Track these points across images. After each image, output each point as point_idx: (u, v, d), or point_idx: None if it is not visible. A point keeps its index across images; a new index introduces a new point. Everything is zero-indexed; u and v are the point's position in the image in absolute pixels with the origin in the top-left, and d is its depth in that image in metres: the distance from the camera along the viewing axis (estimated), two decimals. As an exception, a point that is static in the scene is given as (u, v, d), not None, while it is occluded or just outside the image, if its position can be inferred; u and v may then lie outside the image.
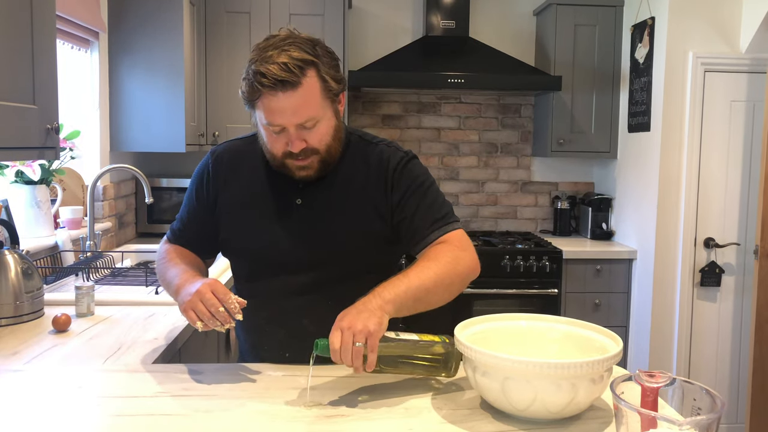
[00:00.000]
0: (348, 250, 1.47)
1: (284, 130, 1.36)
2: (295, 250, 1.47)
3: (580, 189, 4.12)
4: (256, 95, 1.34)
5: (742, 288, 3.34)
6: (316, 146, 1.39)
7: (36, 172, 2.41)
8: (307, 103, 1.34)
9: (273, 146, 1.41)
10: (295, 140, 1.37)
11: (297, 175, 1.43)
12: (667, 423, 0.89)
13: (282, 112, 1.34)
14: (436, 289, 1.35)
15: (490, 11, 3.98)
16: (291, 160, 1.40)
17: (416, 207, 1.47)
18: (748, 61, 3.24)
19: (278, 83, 1.30)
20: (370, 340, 1.19)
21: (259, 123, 1.41)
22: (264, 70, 1.30)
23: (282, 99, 1.32)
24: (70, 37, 2.77)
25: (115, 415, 1.17)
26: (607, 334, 1.29)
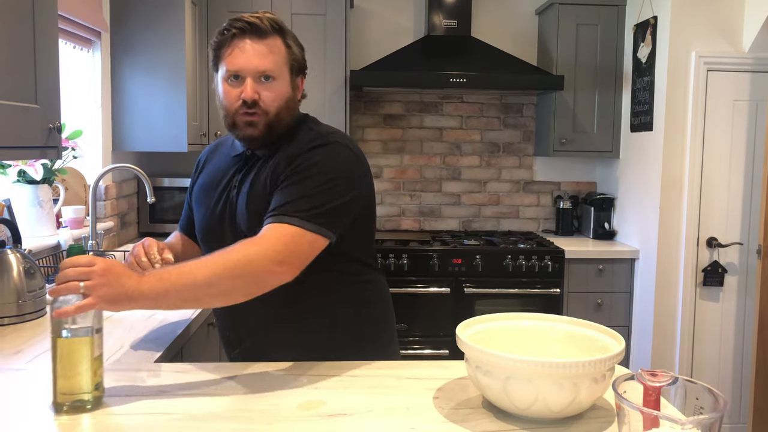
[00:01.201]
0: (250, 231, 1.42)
1: (241, 79, 1.44)
2: (221, 228, 1.54)
3: (583, 189, 4.11)
4: (225, 43, 1.45)
5: (744, 288, 3.33)
6: (267, 105, 1.45)
7: (38, 172, 2.42)
8: (270, 55, 1.44)
9: (227, 99, 1.47)
10: (249, 88, 1.43)
11: (245, 133, 1.48)
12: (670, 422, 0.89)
13: (245, 57, 1.43)
14: (209, 291, 1.27)
15: (492, 11, 3.98)
16: (240, 115, 1.46)
17: (280, 189, 1.42)
18: (751, 61, 3.23)
19: (248, 27, 1.43)
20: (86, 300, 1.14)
21: (219, 82, 1.49)
22: (236, 18, 1.45)
23: (248, 45, 1.43)
24: (72, 36, 2.77)
25: (116, 414, 1.17)
26: (609, 334, 1.29)
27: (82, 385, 1.16)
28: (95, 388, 1.18)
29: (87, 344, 1.16)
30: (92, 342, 1.17)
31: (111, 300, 1.17)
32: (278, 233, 1.34)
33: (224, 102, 1.49)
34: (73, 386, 1.16)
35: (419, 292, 3.43)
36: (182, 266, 1.27)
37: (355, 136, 3.98)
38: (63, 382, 1.16)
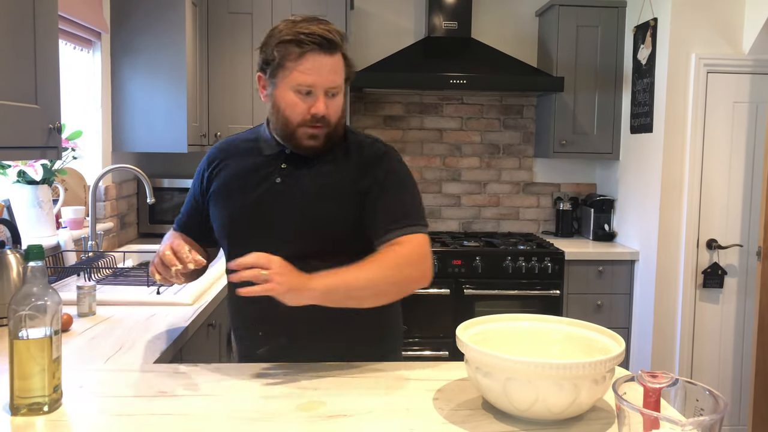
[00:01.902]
0: (316, 227, 1.51)
1: (311, 93, 1.44)
2: (265, 223, 1.53)
3: (582, 190, 4.11)
4: (295, 56, 1.42)
5: (744, 289, 3.33)
6: (331, 117, 1.48)
7: (38, 172, 2.41)
8: (339, 71, 1.47)
9: (293, 111, 1.47)
10: (321, 103, 1.45)
11: (305, 144, 1.49)
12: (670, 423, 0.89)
13: (320, 71, 1.43)
14: (367, 293, 1.41)
15: (492, 12, 3.98)
16: (305, 127, 1.47)
17: (381, 200, 1.51)
18: (751, 63, 3.23)
19: (324, 42, 1.42)
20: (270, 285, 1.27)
21: (279, 90, 1.47)
22: (310, 30, 1.42)
23: (324, 58, 1.43)
24: (72, 37, 2.77)
25: (116, 414, 1.17)
26: (609, 335, 1.28)
27: (39, 387, 1.15)
28: (53, 391, 1.17)
29: (44, 346, 1.15)
30: (50, 344, 1.16)
31: (289, 288, 1.29)
32: (416, 243, 1.47)
33: (287, 113, 1.47)
34: (30, 388, 1.15)
35: (419, 293, 3.42)
36: (347, 269, 1.38)
37: (355, 138, 3.98)
38: (19, 384, 1.15)
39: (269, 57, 1.46)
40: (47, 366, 1.15)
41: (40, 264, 1.17)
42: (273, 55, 1.45)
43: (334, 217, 1.51)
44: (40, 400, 1.15)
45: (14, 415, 1.15)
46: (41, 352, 1.15)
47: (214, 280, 2.47)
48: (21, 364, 1.15)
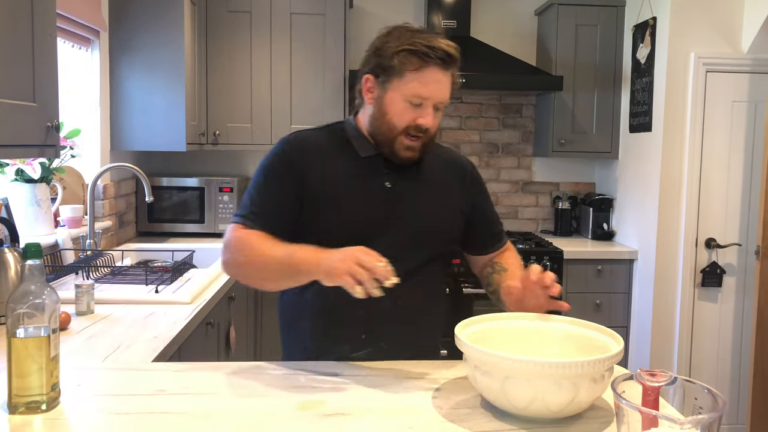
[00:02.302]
0: (429, 235, 1.56)
1: (421, 105, 1.46)
2: (382, 232, 1.49)
3: (581, 189, 4.11)
4: (415, 66, 1.43)
5: (743, 288, 3.34)
6: (432, 130, 1.50)
7: (36, 171, 2.41)
8: (449, 87, 1.49)
9: (401, 118, 1.47)
10: (429, 116, 1.47)
11: (401, 154, 1.50)
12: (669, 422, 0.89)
13: (436, 86, 1.45)
14: None
15: (491, 11, 3.98)
16: (406, 137, 1.48)
17: (489, 214, 1.69)
18: (750, 62, 3.23)
19: (448, 59, 1.44)
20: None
21: (389, 95, 1.47)
22: (436, 44, 1.43)
23: (441, 74, 1.45)
24: (70, 35, 2.77)
25: (113, 413, 1.17)
26: (608, 334, 1.28)
27: (37, 386, 1.15)
28: (51, 389, 1.17)
29: (42, 344, 1.15)
30: (48, 342, 1.15)
31: None
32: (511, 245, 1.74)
33: (394, 120, 1.47)
34: (28, 386, 1.15)
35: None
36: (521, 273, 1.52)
37: (354, 136, 3.98)
38: (17, 382, 1.15)
39: (386, 62, 1.45)
40: (45, 364, 1.15)
41: (38, 262, 1.17)
42: (392, 61, 1.44)
43: (442, 221, 1.58)
44: (38, 399, 1.15)
45: (12, 414, 1.14)
46: (39, 351, 1.15)
47: (213, 278, 2.47)
48: (19, 363, 1.14)
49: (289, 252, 1.39)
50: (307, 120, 3.57)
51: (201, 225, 3.56)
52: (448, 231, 1.60)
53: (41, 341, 1.15)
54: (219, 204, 3.56)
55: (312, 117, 3.57)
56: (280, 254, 1.40)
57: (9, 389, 1.15)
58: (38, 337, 1.15)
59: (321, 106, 3.58)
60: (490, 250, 1.68)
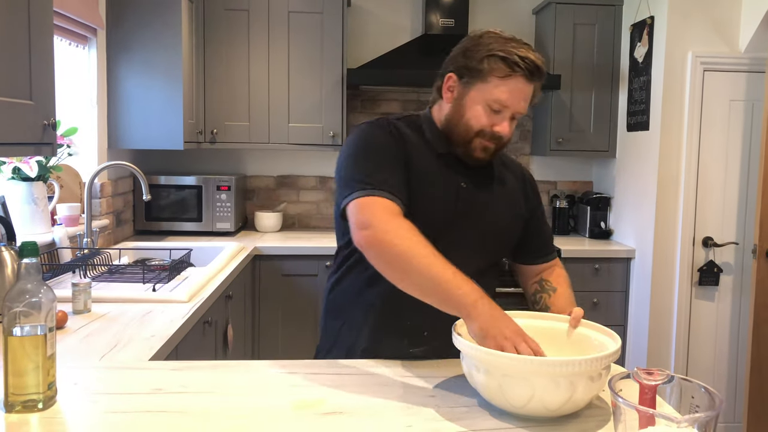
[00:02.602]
0: (497, 237, 1.57)
1: (501, 112, 1.45)
2: (454, 228, 1.50)
3: (579, 188, 4.11)
4: (504, 73, 1.42)
5: (740, 287, 3.34)
6: (505, 138, 1.49)
7: (33, 169, 2.40)
8: (529, 100, 1.48)
9: (477, 121, 1.46)
10: (507, 124, 1.47)
11: (474, 155, 1.50)
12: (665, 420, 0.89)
13: (518, 96, 1.44)
14: None
15: (489, 10, 3.97)
16: (481, 139, 1.48)
17: (543, 225, 1.69)
18: (747, 61, 3.23)
19: (535, 72, 1.43)
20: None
21: (470, 96, 1.46)
22: (528, 56, 1.42)
23: (525, 86, 1.44)
24: (68, 33, 2.76)
25: (111, 411, 1.17)
26: (605, 332, 1.29)
27: (33, 385, 1.15)
28: (48, 388, 1.17)
29: (39, 343, 1.15)
30: (44, 341, 1.15)
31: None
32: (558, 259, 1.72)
33: (471, 122, 1.47)
34: (24, 385, 1.14)
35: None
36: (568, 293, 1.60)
37: (352, 135, 3.97)
38: (14, 381, 1.14)
39: (474, 65, 1.45)
40: (42, 363, 1.15)
41: (34, 261, 1.16)
42: (481, 65, 1.43)
43: (508, 225, 1.59)
44: (35, 398, 1.15)
45: (8, 413, 1.14)
46: (36, 350, 1.14)
47: (210, 277, 2.47)
48: (15, 362, 1.14)
49: (454, 279, 1.27)
50: (305, 118, 3.57)
51: (199, 223, 3.56)
52: (513, 236, 1.62)
53: (38, 340, 1.15)
54: (216, 202, 3.55)
55: (310, 115, 3.57)
56: (446, 276, 1.28)
57: (5, 388, 1.15)
58: (35, 335, 1.14)
59: (319, 105, 3.57)
60: (539, 261, 1.67)
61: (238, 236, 3.60)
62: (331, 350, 1.59)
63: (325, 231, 3.89)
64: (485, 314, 1.23)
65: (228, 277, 2.59)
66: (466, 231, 1.51)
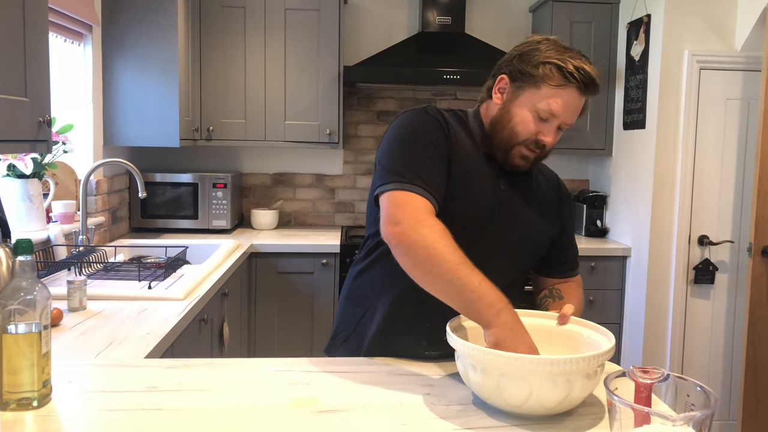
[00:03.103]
0: (533, 242, 1.55)
1: (549, 121, 1.43)
2: (491, 230, 1.48)
3: (575, 186, 4.12)
4: (558, 82, 1.40)
5: (735, 286, 3.35)
6: (549, 148, 1.48)
7: (28, 166, 2.40)
8: (578, 113, 1.46)
9: (524, 127, 1.44)
10: (552, 133, 1.45)
11: (514, 162, 1.48)
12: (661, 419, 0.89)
13: (568, 108, 1.42)
14: None
15: (486, 7, 3.97)
16: (522, 146, 1.46)
17: (570, 238, 1.67)
18: (744, 59, 3.24)
19: (589, 85, 1.41)
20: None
21: (519, 102, 1.44)
22: (584, 67, 1.40)
23: (577, 99, 1.42)
24: (63, 30, 2.75)
25: (106, 409, 1.16)
26: (598, 330, 1.29)
27: (28, 382, 1.14)
28: (43, 386, 1.16)
29: (34, 341, 1.14)
30: (39, 338, 1.15)
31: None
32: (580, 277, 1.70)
33: (517, 128, 1.44)
34: (19, 383, 1.14)
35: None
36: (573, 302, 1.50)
37: (349, 133, 3.97)
38: (8, 379, 1.14)
39: (528, 69, 1.42)
40: (36, 361, 1.15)
41: (29, 258, 1.16)
42: (536, 70, 1.41)
43: (540, 233, 1.56)
44: (30, 396, 1.15)
45: (3, 411, 1.14)
46: (30, 347, 1.14)
47: (206, 274, 2.46)
48: (10, 359, 1.14)
49: (481, 286, 1.26)
50: (301, 116, 3.56)
51: (194, 221, 3.55)
52: (544, 245, 1.59)
53: (32, 337, 1.14)
54: (213, 200, 3.55)
55: (306, 113, 3.56)
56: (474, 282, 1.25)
57: (0, 386, 1.15)
58: (29, 333, 1.14)
59: (315, 102, 3.57)
60: (559, 275, 1.64)
61: (234, 234, 3.59)
62: (349, 338, 1.58)
63: (321, 229, 3.89)
64: (506, 326, 1.22)
65: (224, 274, 2.59)
66: (501, 233, 1.49)
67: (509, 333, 1.21)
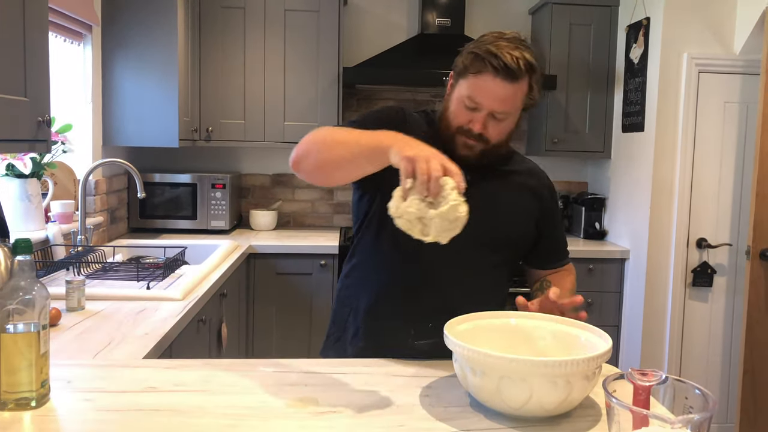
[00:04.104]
0: (503, 237, 1.57)
1: (476, 109, 1.44)
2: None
3: (574, 188, 4.12)
4: (476, 70, 1.42)
5: (733, 289, 3.35)
6: (490, 138, 1.47)
7: (27, 166, 2.40)
8: (511, 99, 1.44)
9: (456, 117, 1.47)
10: (479, 122, 1.45)
11: (459, 152, 1.48)
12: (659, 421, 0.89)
13: (489, 95, 1.42)
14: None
15: (485, 9, 3.98)
16: (462, 135, 1.48)
17: (558, 231, 1.71)
18: (742, 63, 3.24)
19: (505, 70, 1.40)
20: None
21: (455, 93, 1.48)
22: (498, 53, 1.40)
23: (497, 84, 1.41)
24: (63, 30, 2.75)
25: (104, 409, 1.16)
26: (594, 332, 1.29)
27: (26, 382, 1.14)
28: (41, 386, 1.16)
29: (32, 340, 1.14)
30: (38, 338, 1.15)
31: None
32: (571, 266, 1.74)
33: (450, 117, 1.49)
34: (17, 383, 1.14)
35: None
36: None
37: (348, 134, 3.97)
38: (6, 379, 1.14)
39: (459, 61, 1.48)
40: (35, 361, 1.14)
41: (28, 258, 1.16)
42: (464, 62, 1.46)
43: (514, 227, 1.58)
44: (28, 395, 1.15)
45: (1, 410, 1.14)
46: (29, 347, 1.14)
47: (205, 275, 2.46)
48: (8, 359, 1.14)
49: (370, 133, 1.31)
50: (300, 117, 3.56)
51: (193, 221, 3.55)
52: (520, 239, 1.62)
53: (31, 337, 1.14)
54: (211, 200, 3.55)
55: (305, 114, 3.56)
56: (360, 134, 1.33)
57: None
58: (28, 333, 1.14)
59: (314, 103, 3.57)
60: (549, 267, 1.70)
61: (233, 234, 3.59)
62: (340, 339, 1.61)
63: (320, 229, 3.89)
64: (408, 139, 1.24)
65: (222, 275, 2.59)
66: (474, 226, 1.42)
67: (407, 141, 1.22)
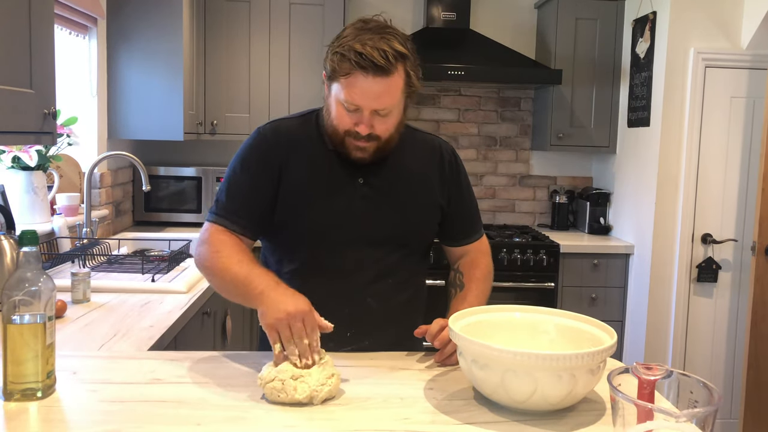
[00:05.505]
0: (408, 229, 1.54)
1: (358, 110, 1.39)
2: (358, 228, 1.48)
3: (579, 183, 4.11)
4: (345, 71, 1.36)
5: (738, 284, 3.35)
6: (380, 134, 1.43)
7: (33, 158, 2.40)
8: (390, 93, 1.38)
9: (340, 122, 1.43)
10: (365, 123, 1.40)
11: (352, 155, 1.46)
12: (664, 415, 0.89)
13: (365, 94, 1.37)
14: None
15: (491, 4, 3.96)
16: (351, 139, 1.43)
17: (466, 205, 1.63)
18: (749, 58, 3.23)
19: (373, 67, 1.34)
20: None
21: (332, 96, 1.43)
22: (363, 50, 1.33)
23: (371, 82, 1.35)
24: (68, 23, 2.75)
25: (109, 400, 1.17)
26: (599, 326, 1.28)
27: (32, 373, 1.15)
28: (47, 377, 1.17)
29: (38, 332, 1.14)
30: (44, 329, 1.15)
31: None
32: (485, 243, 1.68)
33: (335, 122, 1.43)
34: (23, 374, 1.14)
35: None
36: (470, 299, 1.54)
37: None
38: (13, 369, 1.14)
39: (327, 64, 1.40)
40: (41, 352, 1.15)
41: (34, 249, 1.16)
42: (332, 64, 1.38)
43: (420, 216, 1.55)
44: (34, 386, 1.15)
45: (7, 401, 1.14)
46: (35, 338, 1.14)
47: (209, 268, 2.46)
48: (14, 350, 1.14)
49: (252, 274, 1.35)
50: (305, 111, 3.56)
51: (198, 215, 3.56)
52: (427, 226, 1.58)
53: (37, 328, 1.15)
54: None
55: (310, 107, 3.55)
56: (242, 274, 1.36)
57: (4, 376, 1.15)
58: (34, 324, 1.14)
59: (319, 96, 3.55)
60: (463, 242, 1.64)
61: (238, 228, 3.59)
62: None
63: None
64: (269, 299, 1.28)
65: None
66: (369, 229, 1.49)
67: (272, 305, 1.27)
